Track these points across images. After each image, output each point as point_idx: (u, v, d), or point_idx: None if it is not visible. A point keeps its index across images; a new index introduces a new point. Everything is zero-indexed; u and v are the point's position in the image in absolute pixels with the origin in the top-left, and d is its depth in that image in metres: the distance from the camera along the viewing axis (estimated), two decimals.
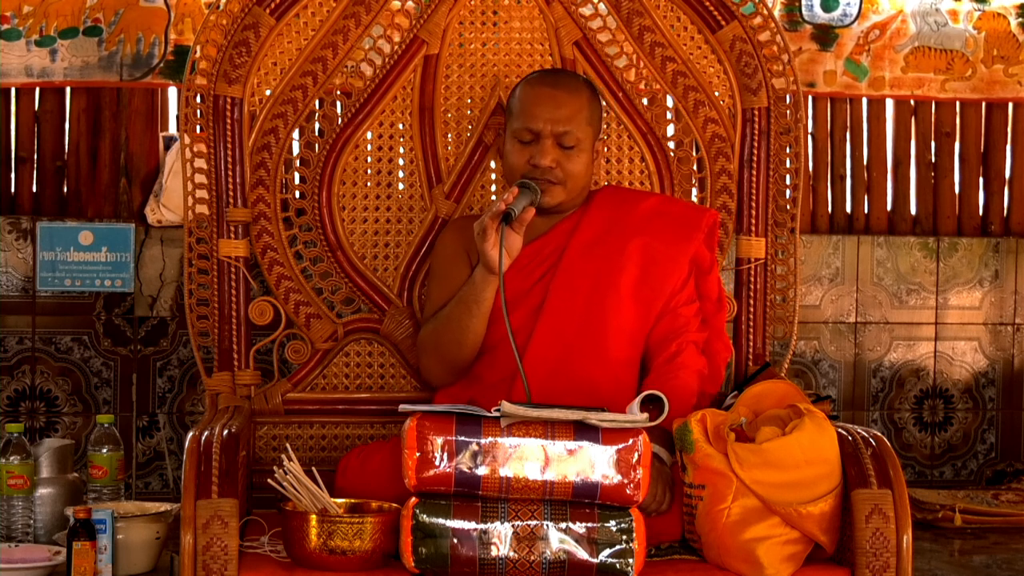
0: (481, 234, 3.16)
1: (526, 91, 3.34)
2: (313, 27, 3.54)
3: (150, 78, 4.57)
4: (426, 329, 3.36)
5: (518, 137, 3.32)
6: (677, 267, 3.33)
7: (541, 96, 3.31)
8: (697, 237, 3.35)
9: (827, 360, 5.00)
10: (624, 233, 3.33)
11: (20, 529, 3.71)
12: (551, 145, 3.29)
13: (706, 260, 3.38)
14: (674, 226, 3.35)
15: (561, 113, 3.29)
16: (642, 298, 3.30)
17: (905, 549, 2.93)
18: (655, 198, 3.44)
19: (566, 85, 3.35)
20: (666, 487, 3.09)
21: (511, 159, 3.33)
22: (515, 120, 3.33)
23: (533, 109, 3.30)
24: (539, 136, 3.29)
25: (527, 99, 3.32)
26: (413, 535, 2.83)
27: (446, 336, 3.29)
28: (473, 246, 3.28)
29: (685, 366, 3.28)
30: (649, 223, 3.35)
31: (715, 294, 3.41)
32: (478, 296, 3.24)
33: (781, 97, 3.59)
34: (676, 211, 3.41)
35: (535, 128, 3.29)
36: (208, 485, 2.87)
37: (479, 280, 3.23)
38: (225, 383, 3.50)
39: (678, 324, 3.32)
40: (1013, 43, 5.08)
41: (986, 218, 5.18)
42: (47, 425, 4.54)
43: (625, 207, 3.37)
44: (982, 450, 5.12)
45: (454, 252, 3.39)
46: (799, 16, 4.91)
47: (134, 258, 4.49)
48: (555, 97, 3.31)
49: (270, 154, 3.53)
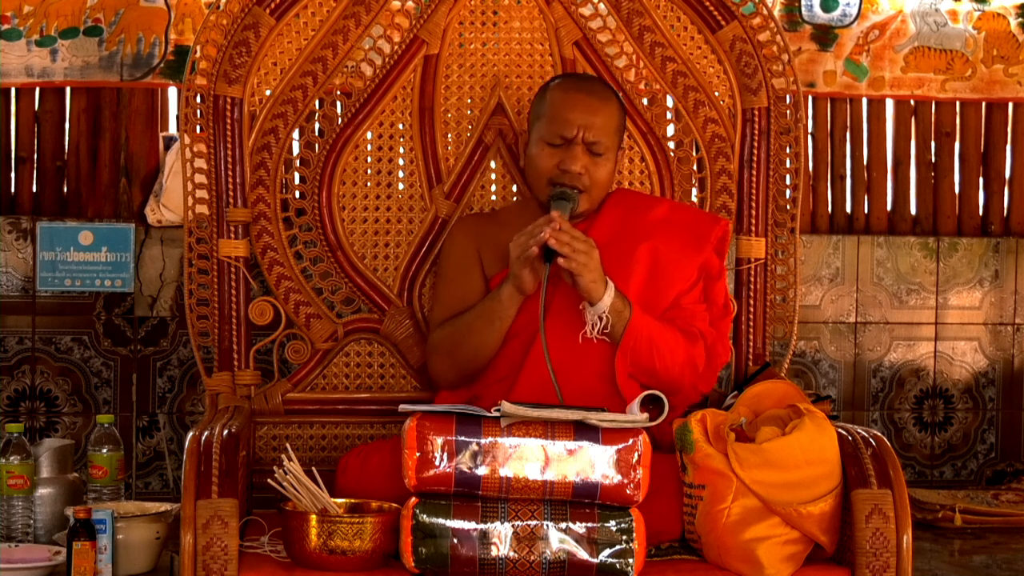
0: (522, 260, 3.14)
1: (558, 95, 3.33)
2: (313, 27, 3.54)
3: (150, 78, 4.57)
4: (441, 333, 3.35)
5: (548, 141, 3.31)
6: (686, 273, 3.33)
7: (576, 102, 3.30)
8: (707, 247, 3.36)
9: (827, 360, 5.00)
10: (635, 237, 3.33)
11: (20, 529, 3.71)
12: (582, 151, 3.29)
13: (715, 267, 3.39)
14: (685, 234, 3.36)
15: (595, 120, 3.29)
16: (648, 302, 3.30)
17: (905, 549, 2.93)
18: (667, 204, 3.44)
19: (599, 93, 3.35)
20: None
21: (539, 162, 3.32)
22: (545, 124, 3.31)
23: (567, 114, 3.29)
24: (570, 142, 3.29)
25: (560, 104, 3.31)
26: (413, 535, 2.84)
27: (464, 346, 3.29)
28: (484, 246, 3.28)
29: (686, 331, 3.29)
30: (660, 228, 3.35)
31: (722, 300, 3.42)
32: (503, 313, 3.24)
33: (781, 97, 3.60)
34: (688, 219, 3.41)
35: (568, 134, 3.28)
36: (208, 485, 2.87)
37: (506, 298, 3.22)
38: (225, 383, 3.50)
39: (686, 314, 3.33)
40: (1013, 43, 5.08)
41: (986, 218, 5.18)
42: (47, 425, 4.54)
43: (637, 212, 3.38)
44: (982, 450, 5.12)
45: (465, 253, 3.39)
46: (799, 16, 4.91)
47: (134, 258, 4.49)
48: (589, 104, 3.30)
49: (270, 154, 3.53)
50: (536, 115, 3.36)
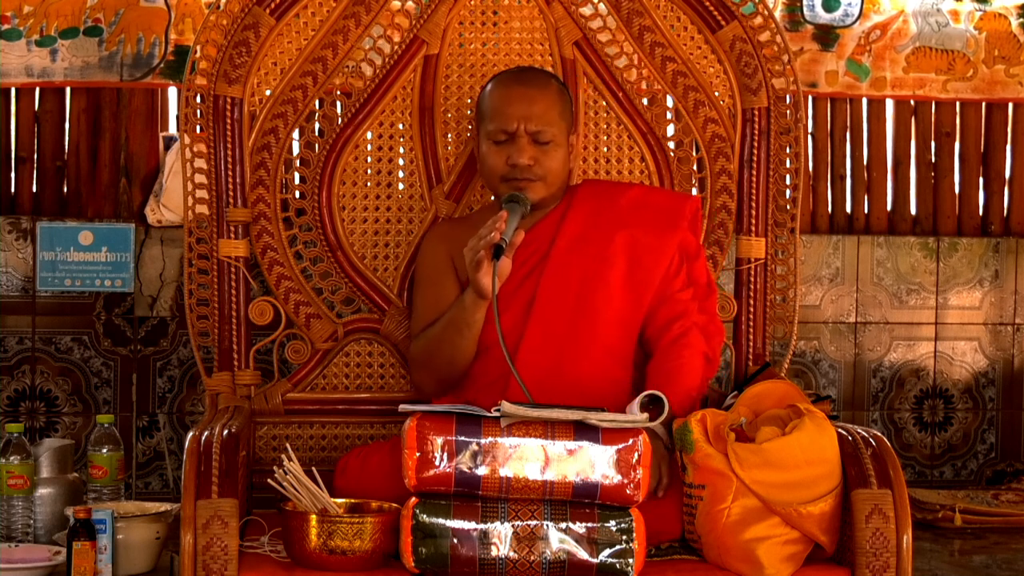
0: (474, 264, 3.14)
1: (496, 92, 3.35)
2: (313, 27, 3.54)
3: (150, 78, 4.57)
4: (416, 345, 3.36)
5: (493, 138, 3.32)
6: (664, 256, 3.33)
7: (512, 95, 3.32)
8: (682, 225, 3.37)
9: (827, 360, 5.00)
10: (609, 226, 3.33)
11: (20, 529, 3.71)
12: (527, 143, 3.30)
13: (692, 246, 3.39)
14: (658, 216, 3.36)
15: (534, 110, 3.30)
16: (632, 289, 3.31)
17: (905, 549, 2.93)
18: (636, 189, 3.44)
19: (535, 82, 3.35)
20: (662, 467, 3.09)
21: (488, 161, 3.33)
22: (488, 122, 3.33)
23: (506, 109, 3.30)
24: (514, 135, 3.30)
25: (498, 100, 3.33)
26: (413, 535, 2.84)
27: (438, 356, 3.30)
28: (457, 252, 3.28)
29: (690, 345, 3.29)
30: (633, 214, 3.35)
31: (704, 278, 3.42)
32: (469, 319, 3.24)
33: (781, 97, 3.59)
34: (659, 201, 3.42)
35: (509, 128, 3.29)
36: (208, 485, 2.87)
37: (469, 304, 3.22)
38: (225, 383, 3.50)
39: (679, 309, 3.33)
40: (1014, 43, 5.08)
41: (986, 218, 5.18)
42: (47, 425, 4.54)
43: (608, 199, 3.38)
44: (982, 450, 5.12)
45: (439, 260, 3.39)
46: (800, 16, 4.91)
47: (134, 258, 4.49)
48: (526, 95, 3.31)
49: (270, 154, 3.53)
50: (480, 116, 3.38)
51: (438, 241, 3.43)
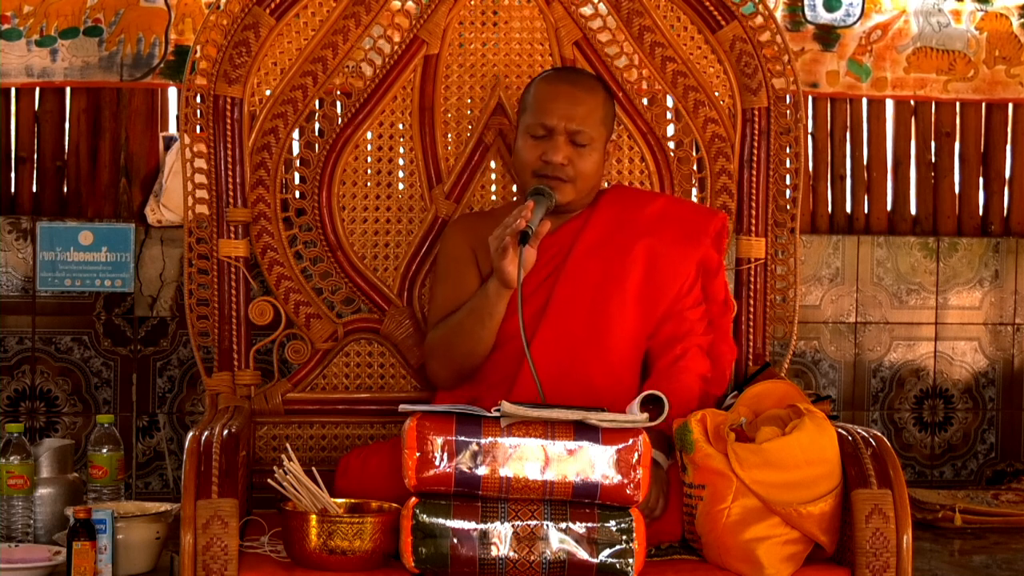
0: (500, 252, 3.14)
1: (542, 87, 3.33)
2: (313, 27, 3.54)
3: (150, 78, 4.57)
4: (435, 334, 3.35)
5: (531, 132, 3.31)
6: (684, 270, 3.32)
7: (558, 93, 3.30)
8: (704, 241, 3.35)
9: (827, 360, 5.00)
10: (631, 234, 3.32)
11: (20, 529, 3.71)
12: (564, 142, 3.28)
13: (714, 262, 3.37)
14: (682, 229, 3.34)
15: (576, 111, 3.29)
16: (646, 300, 3.29)
17: (905, 549, 2.92)
18: (663, 199, 3.43)
19: (583, 83, 3.34)
20: (660, 492, 3.09)
21: (523, 154, 3.32)
22: (528, 115, 3.32)
23: (548, 105, 3.29)
24: (552, 132, 3.28)
25: (543, 95, 3.31)
26: (413, 535, 2.83)
27: (457, 345, 3.28)
28: (480, 244, 3.27)
29: (687, 369, 3.28)
30: (656, 225, 3.34)
31: (722, 296, 3.40)
32: (491, 309, 3.23)
33: (781, 97, 3.59)
34: (684, 213, 3.40)
35: (549, 124, 3.28)
36: (208, 485, 2.87)
37: (492, 293, 3.22)
38: (225, 383, 3.50)
39: (684, 328, 3.30)
40: (1015, 44, 5.08)
41: (986, 218, 5.18)
42: (47, 425, 4.54)
43: (633, 208, 3.37)
44: (982, 450, 5.12)
45: (461, 252, 3.38)
46: (801, 16, 4.91)
47: (134, 258, 4.49)
48: (572, 95, 3.30)
49: (270, 154, 3.53)
50: (522, 108, 3.37)
51: (460, 233, 3.42)
